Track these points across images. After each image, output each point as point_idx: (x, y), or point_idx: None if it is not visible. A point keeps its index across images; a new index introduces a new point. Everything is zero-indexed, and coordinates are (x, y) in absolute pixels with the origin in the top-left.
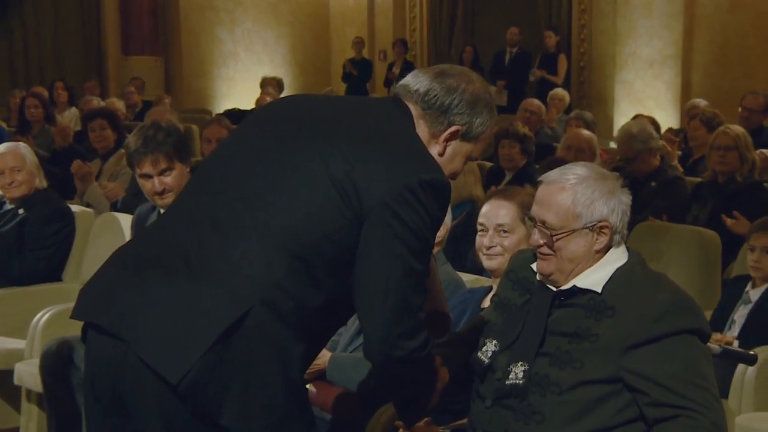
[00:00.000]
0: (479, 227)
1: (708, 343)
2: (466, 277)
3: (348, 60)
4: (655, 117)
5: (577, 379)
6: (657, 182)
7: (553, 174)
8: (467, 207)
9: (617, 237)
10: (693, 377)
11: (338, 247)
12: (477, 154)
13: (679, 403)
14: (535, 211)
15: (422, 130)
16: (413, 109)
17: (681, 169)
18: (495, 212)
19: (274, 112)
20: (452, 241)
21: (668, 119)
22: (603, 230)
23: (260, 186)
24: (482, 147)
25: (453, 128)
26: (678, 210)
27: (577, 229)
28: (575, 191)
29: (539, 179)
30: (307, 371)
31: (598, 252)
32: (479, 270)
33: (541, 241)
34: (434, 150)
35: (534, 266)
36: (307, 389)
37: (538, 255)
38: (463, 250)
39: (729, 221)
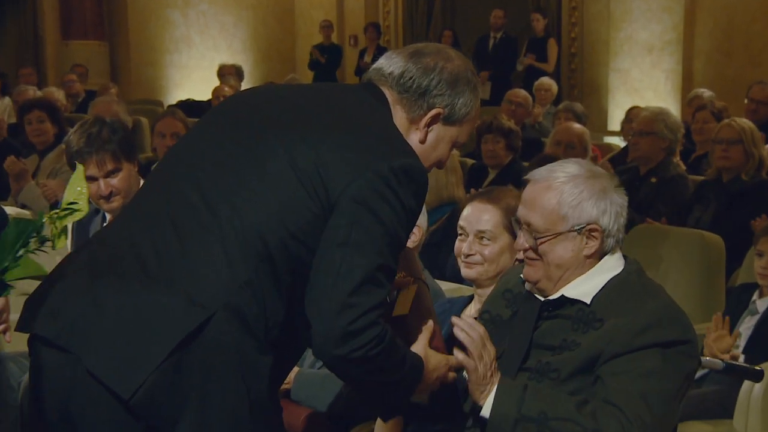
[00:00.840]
0: (459, 231)
1: (709, 358)
2: (446, 286)
3: (315, 46)
4: None
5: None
6: (657, 179)
7: (540, 171)
8: (448, 210)
9: (611, 241)
10: (645, 388)
11: (304, 246)
12: (464, 138)
13: (619, 406)
14: (521, 212)
15: (400, 116)
16: (389, 94)
17: (683, 166)
18: (476, 217)
19: (236, 104)
20: (431, 246)
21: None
22: (593, 233)
23: (222, 182)
24: (469, 131)
25: (433, 111)
26: (679, 211)
27: (563, 232)
28: (562, 191)
29: (526, 177)
30: None
31: (588, 258)
32: (460, 278)
33: (526, 245)
34: (415, 137)
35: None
36: (280, 411)
37: (525, 261)
38: (443, 256)
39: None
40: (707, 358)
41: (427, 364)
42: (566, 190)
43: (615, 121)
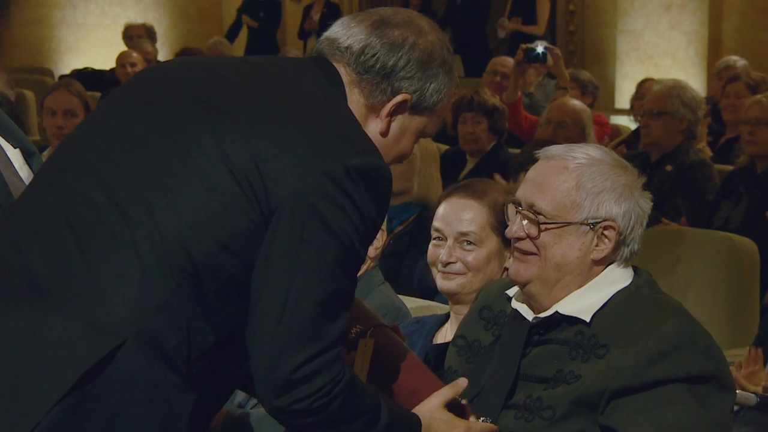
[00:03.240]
0: (434, 234)
1: (740, 391)
2: (413, 303)
3: (245, 2)
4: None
5: None
6: (674, 166)
7: (555, 149)
8: (416, 209)
9: (625, 251)
10: None
11: (239, 261)
12: (432, 130)
13: None
14: (523, 192)
15: (356, 101)
16: (344, 72)
17: (709, 152)
18: (457, 216)
19: (152, 80)
20: (394, 255)
21: (691, 83)
22: (606, 233)
23: (135, 180)
24: (439, 120)
25: (399, 98)
26: (701, 208)
27: (573, 222)
28: (581, 173)
29: (537, 153)
30: None
31: (596, 263)
32: (431, 292)
33: (522, 233)
34: (374, 127)
35: (511, 292)
36: None
37: (515, 255)
38: (408, 266)
39: None
40: (738, 391)
41: (431, 427)
42: (587, 174)
43: (624, 97)
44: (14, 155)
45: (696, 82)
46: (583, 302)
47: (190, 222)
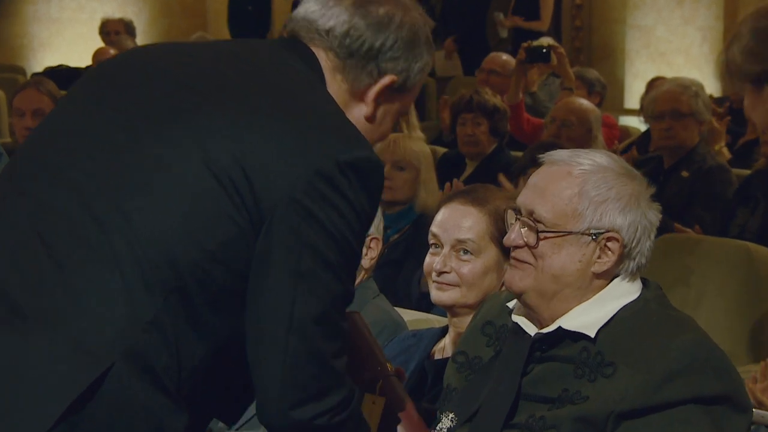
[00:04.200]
0: (431, 241)
1: (757, 410)
2: (409, 315)
3: None
4: None
5: None
6: (691, 172)
7: (560, 153)
8: (412, 217)
9: (631, 265)
10: None
11: (228, 270)
12: (408, 108)
13: None
14: (523, 199)
15: (339, 87)
16: (324, 57)
17: (727, 155)
18: (455, 222)
19: (121, 71)
20: (389, 264)
21: (705, 82)
22: (609, 245)
23: (110, 186)
24: (414, 97)
25: (386, 80)
26: (718, 215)
27: (574, 232)
28: (585, 180)
29: (540, 158)
30: None
31: (597, 277)
32: (428, 305)
33: (521, 241)
34: (358, 112)
35: (511, 304)
36: None
37: (511, 263)
38: (405, 277)
39: None
40: (755, 410)
41: None
42: (591, 181)
43: (634, 97)
44: None
45: (710, 80)
46: (587, 317)
47: (173, 232)
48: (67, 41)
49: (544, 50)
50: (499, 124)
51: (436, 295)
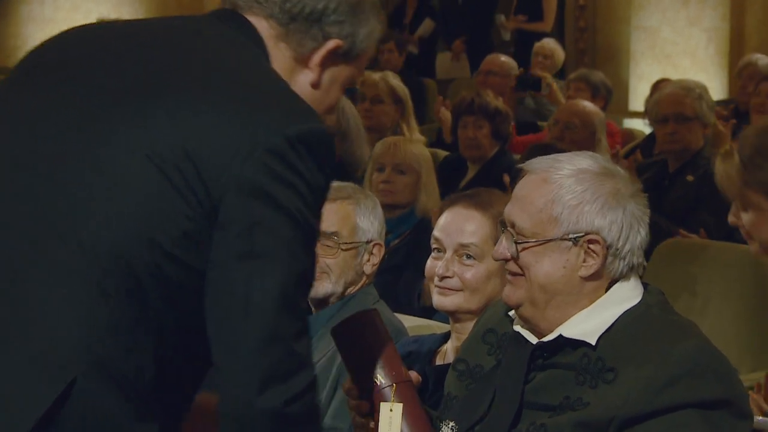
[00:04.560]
0: (433, 245)
1: (761, 418)
2: (410, 322)
3: None
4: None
5: None
6: (696, 176)
7: (541, 161)
8: (413, 221)
9: (620, 265)
10: None
11: (184, 267)
12: (357, 79)
13: None
14: (507, 211)
15: (282, 55)
16: (266, 27)
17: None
18: (458, 226)
19: (50, 57)
20: (389, 270)
21: (711, 84)
22: (592, 247)
23: (50, 185)
24: (363, 69)
25: (331, 44)
26: (724, 220)
27: (552, 239)
28: (560, 186)
29: (522, 166)
30: None
31: (587, 280)
32: (430, 311)
33: (507, 254)
34: (304, 79)
35: (513, 313)
36: None
37: (507, 278)
38: (407, 282)
39: None
40: (759, 418)
41: None
42: (566, 186)
43: (638, 99)
44: None
45: (716, 82)
46: (588, 324)
47: (124, 234)
48: None
49: (533, 80)
50: (501, 126)
51: (439, 300)
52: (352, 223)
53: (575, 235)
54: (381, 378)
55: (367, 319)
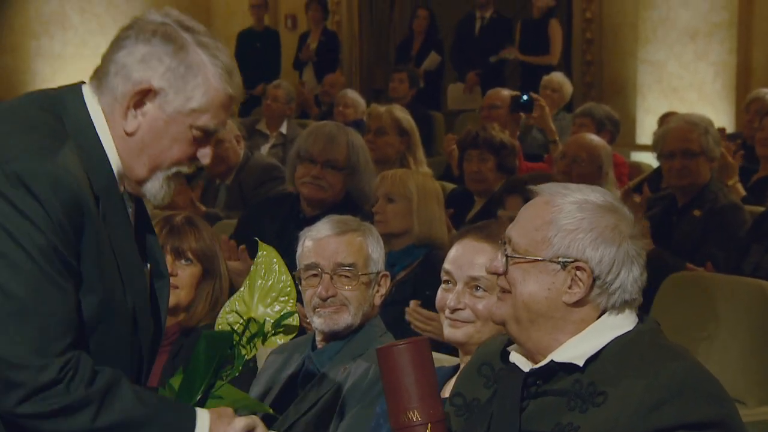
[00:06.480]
0: (444, 277)
1: None
2: None
3: (242, 33)
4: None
5: None
6: (703, 210)
7: (551, 186)
8: (421, 252)
9: (611, 300)
10: None
11: None
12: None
13: None
14: (508, 227)
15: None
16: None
17: (741, 191)
18: (469, 259)
19: None
20: (396, 303)
21: (718, 118)
22: (579, 274)
23: None
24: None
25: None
26: (732, 253)
27: (542, 259)
28: (561, 210)
29: (531, 188)
30: None
31: (573, 307)
32: (438, 343)
33: (499, 268)
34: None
35: (511, 347)
36: None
37: (497, 294)
38: None
39: None
40: None
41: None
42: (566, 210)
43: (645, 132)
44: None
45: (723, 116)
46: (579, 349)
47: None
48: (70, 77)
49: (524, 100)
50: (506, 160)
51: (450, 332)
52: (366, 254)
53: (564, 260)
54: (417, 414)
55: (417, 348)
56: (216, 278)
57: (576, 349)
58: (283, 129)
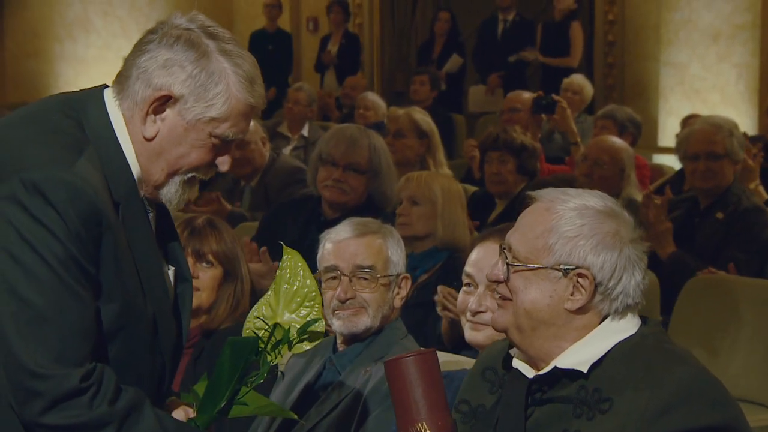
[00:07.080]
0: (465, 280)
1: None
2: (440, 357)
3: (254, 34)
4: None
5: None
6: (725, 213)
7: (549, 191)
8: (441, 256)
9: (613, 305)
10: None
11: None
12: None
13: None
14: (508, 234)
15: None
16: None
17: (765, 194)
18: (490, 261)
19: None
20: (418, 306)
21: (741, 120)
22: (581, 281)
23: None
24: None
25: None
26: (754, 256)
27: (543, 267)
28: (561, 216)
29: (530, 193)
30: None
31: (575, 314)
32: (459, 345)
33: (500, 275)
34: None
35: (513, 351)
36: None
37: (497, 302)
38: (435, 319)
39: None
40: None
41: None
42: (566, 217)
43: (668, 134)
44: None
45: (746, 118)
46: (582, 355)
47: None
48: (93, 81)
49: (545, 102)
50: (527, 162)
51: (471, 335)
52: (385, 256)
53: (566, 267)
54: (426, 426)
55: (424, 361)
56: (237, 280)
57: (579, 355)
58: (305, 131)
